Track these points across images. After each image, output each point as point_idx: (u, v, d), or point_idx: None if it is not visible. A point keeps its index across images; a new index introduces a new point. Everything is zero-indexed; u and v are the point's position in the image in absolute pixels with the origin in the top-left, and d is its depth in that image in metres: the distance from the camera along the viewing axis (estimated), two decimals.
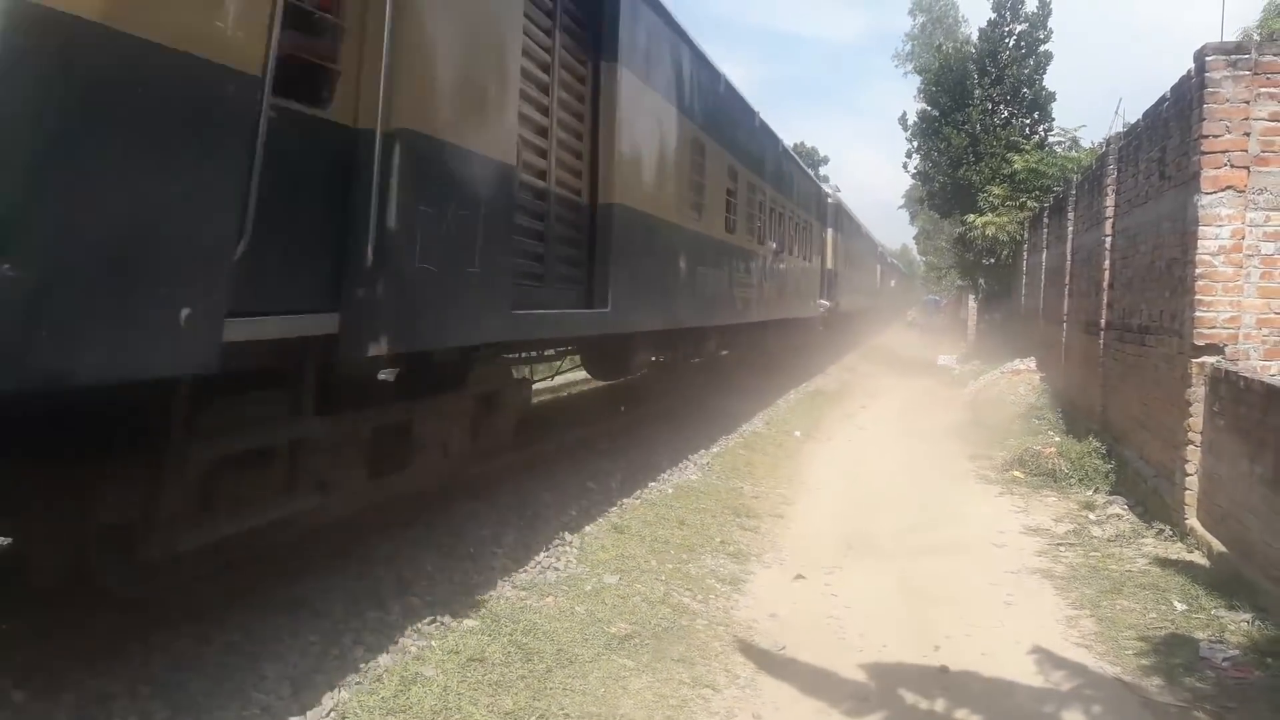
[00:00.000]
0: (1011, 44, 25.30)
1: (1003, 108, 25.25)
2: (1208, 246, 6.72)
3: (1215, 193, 6.70)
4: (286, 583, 4.62)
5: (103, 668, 3.58)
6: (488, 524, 6.11)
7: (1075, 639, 5.09)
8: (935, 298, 58.98)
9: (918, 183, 30.36)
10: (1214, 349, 6.71)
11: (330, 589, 4.64)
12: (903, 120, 28.89)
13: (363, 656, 4.01)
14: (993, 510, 8.28)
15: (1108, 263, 10.45)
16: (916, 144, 27.90)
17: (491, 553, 5.62)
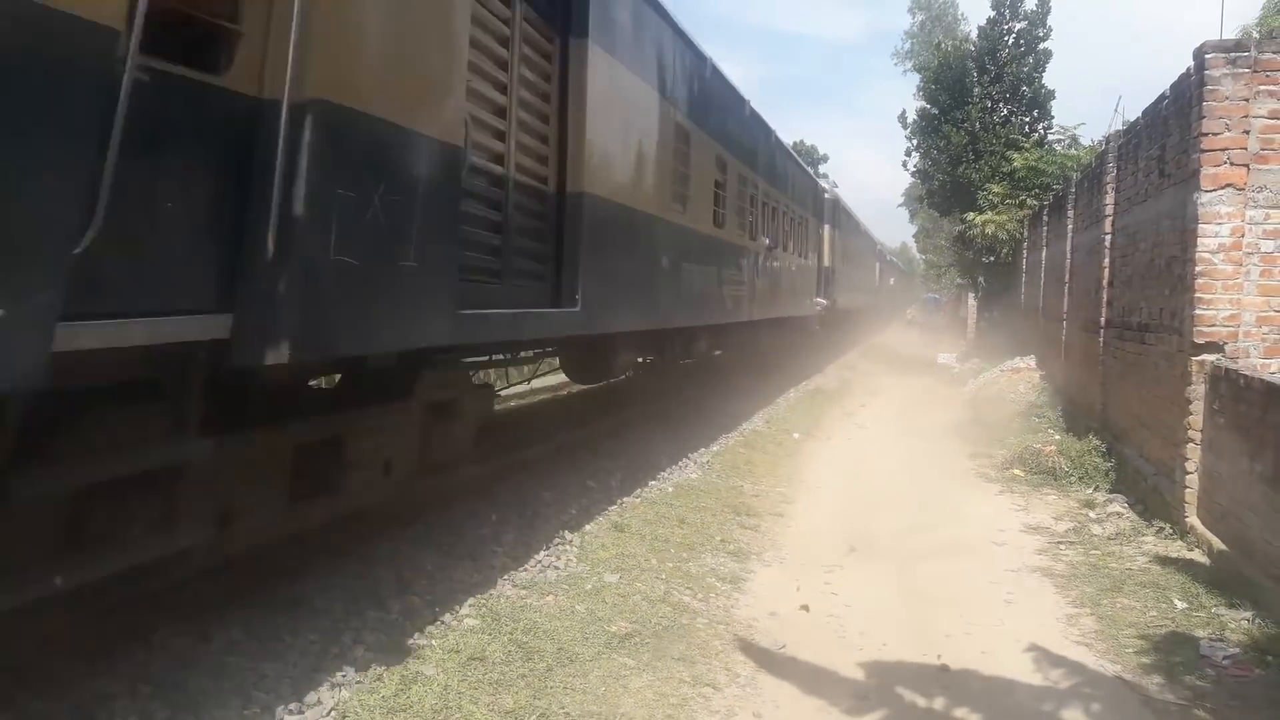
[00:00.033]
0: (1011, 42, 25.29)
1: (1002, 106, 25.24)
2: (1207, 244, 6.73)
3: (1215, 190, 6.70)
4: (286, 581, 4.61)
5: (103, 668, 3.57)
6: (487, 523, 6.12)
7: (1075, 637, 5.10)
8: (935, 296, 59.01)
9: (917, 181, 30.32)
10: (1214, 347, 6.71)
11: (330, 588, 4.65)
12: (902, 118, 28.90)
13: (363, 655, 4.00)
14: (993, 509, 8.28)
15: (1107, 261, 10.45)
16: (916, 142, 27.90)
17: (491, 551, 5.62)
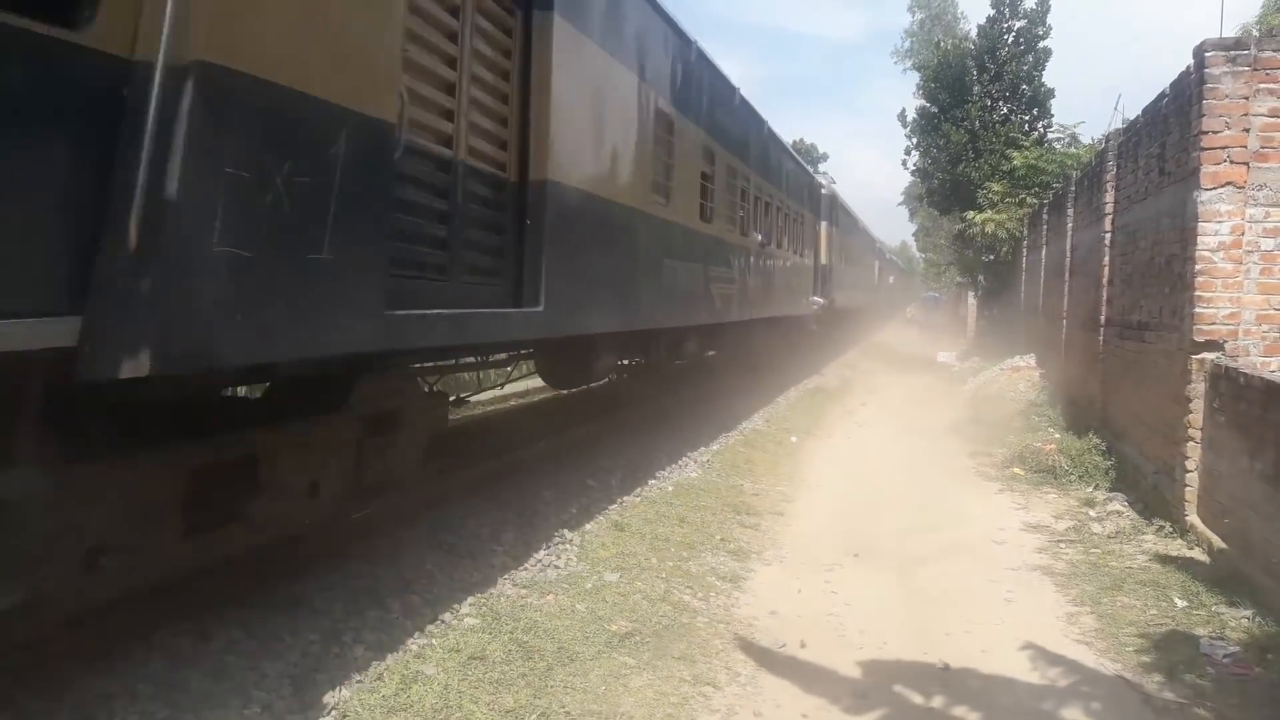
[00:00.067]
0: (1010, 40, 25.30)
1: (1002, 104, 25.25)
2: (1207, 242, 6.72)
3: (1215, 189, 6.70)
4: (286, 581, 4.61)
5: (102, 667, 3.57)
6: (488, 522, 6.12)
7: (1075, 636, 5.10)
8: (934, 294, 59.08)
9: (917, 179, 30.34)
10: (1214, 345, 6.71)
11: (330, 587, 4.65)
12: (902, 117, 28.92)
13: (363, 655, 4.01)
14: (993, 507, 8.28)
15: (1107, 259, 10.45)
16: (915, 141, 27.92)
17: (492, 550, 5.62)
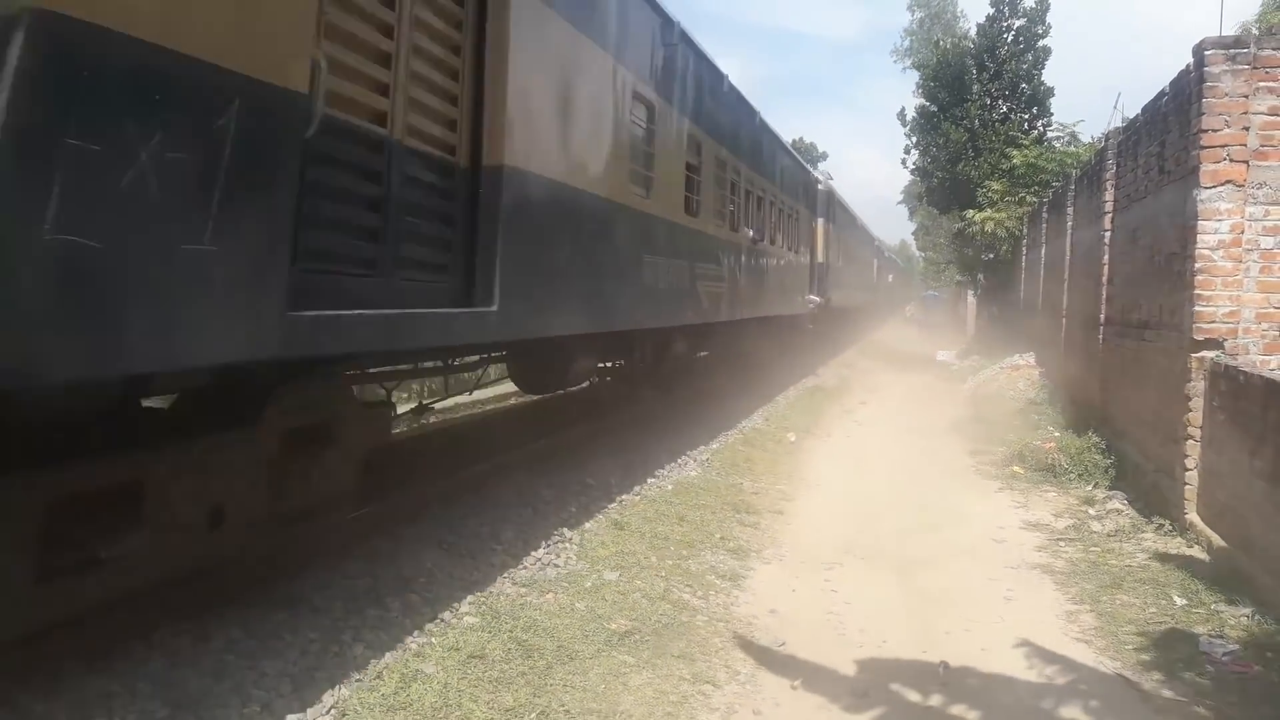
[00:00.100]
0: (1010, 39, 25.34)
1: (1001, 103, 25.28)
2: (1207, 241, 6.72)
3: (1214, 187, 6.70)
4: (286, 580, 4.61)
5: (102, 667, 3.57)
6: (487, 520, 6.11)
7: (1075, 634, 5.10)
8: (934, 293, 59.10)
9: (916, 178, 30.37)
10: (1213, 344, 6.71)
11: (330, 586, 4.64)
12: (901, 116, 28.98)
13: (363, 653, 4.00)
14: (992, 506, 8.28)
15: (1107, 258, 10.45)
16: (915, 139, 27.96)
17: (491, 549, 5.62)
